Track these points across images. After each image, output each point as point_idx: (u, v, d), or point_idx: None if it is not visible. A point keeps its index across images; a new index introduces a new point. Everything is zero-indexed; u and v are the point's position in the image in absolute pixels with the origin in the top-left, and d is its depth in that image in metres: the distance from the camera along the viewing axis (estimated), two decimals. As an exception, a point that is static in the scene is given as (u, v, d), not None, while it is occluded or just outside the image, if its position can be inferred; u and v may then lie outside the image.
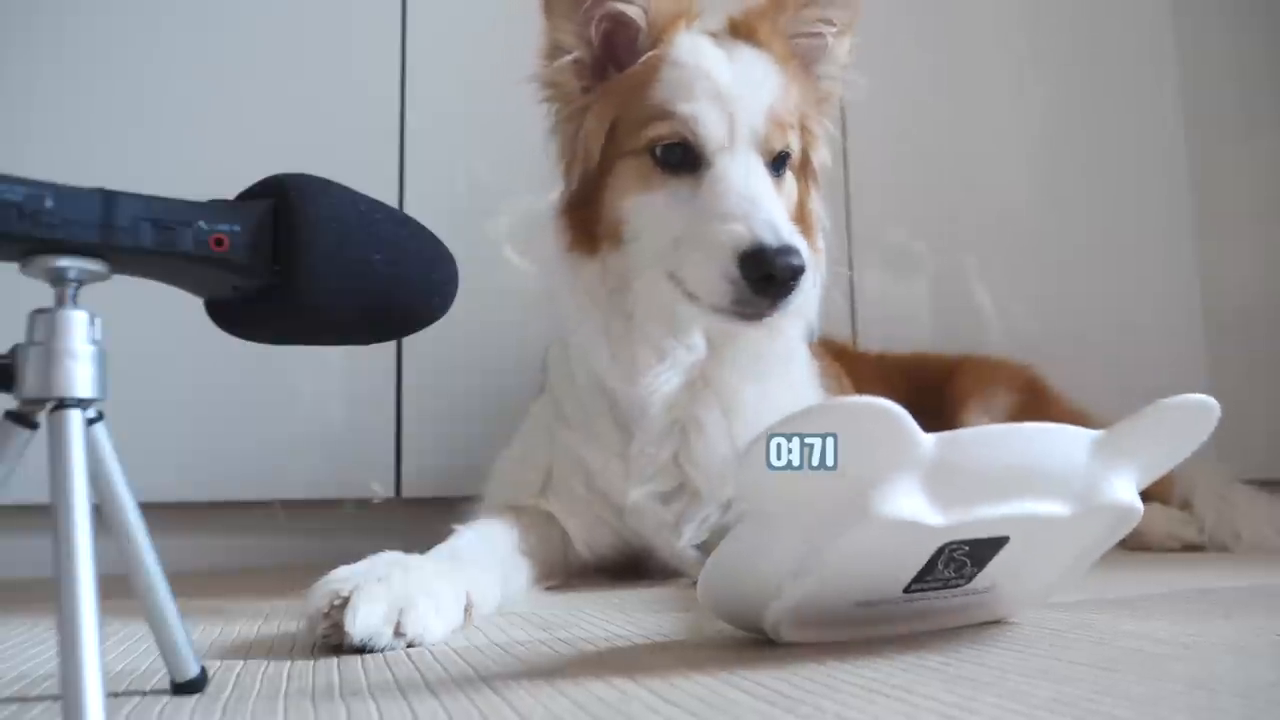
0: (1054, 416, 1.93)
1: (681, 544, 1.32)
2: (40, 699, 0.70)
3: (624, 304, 1.28)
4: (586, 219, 1.30)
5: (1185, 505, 1.84)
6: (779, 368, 1.34)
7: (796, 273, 1.11)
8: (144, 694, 0.70)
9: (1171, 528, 1.79)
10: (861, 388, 1.69)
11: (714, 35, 1.30)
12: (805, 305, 1.26)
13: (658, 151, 1.23)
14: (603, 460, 1.33)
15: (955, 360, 2.02)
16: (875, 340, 2.18)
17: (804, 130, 1.33)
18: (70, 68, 1.80)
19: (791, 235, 1.13)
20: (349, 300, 0.70)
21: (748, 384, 1.31)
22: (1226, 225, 2.64)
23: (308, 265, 0.67)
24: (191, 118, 1.85)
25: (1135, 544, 1.81)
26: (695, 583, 1.28)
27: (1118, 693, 0.61)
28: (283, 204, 0.67)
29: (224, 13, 1.91)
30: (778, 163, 1.27)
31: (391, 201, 0.96)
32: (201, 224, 0.64)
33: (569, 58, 1.29)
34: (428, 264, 0.75)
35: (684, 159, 1.22)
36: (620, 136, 1.27)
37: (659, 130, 1.22)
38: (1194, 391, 0.77)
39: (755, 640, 0.83)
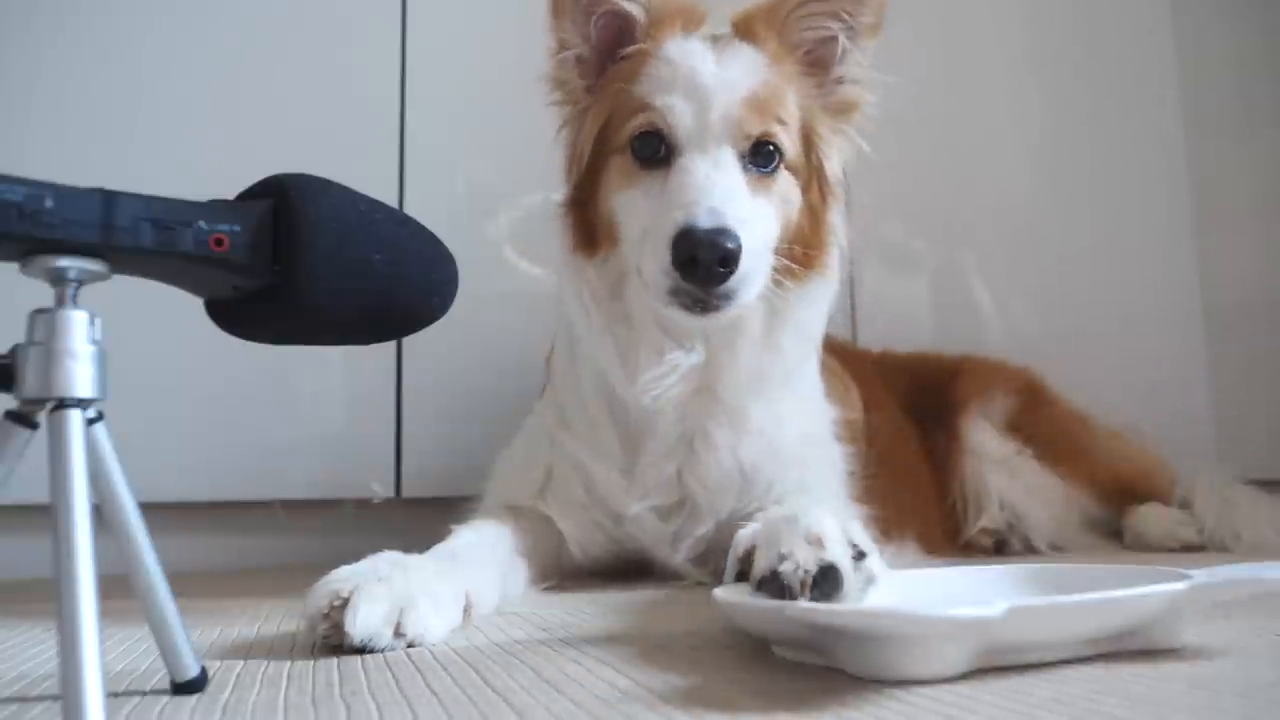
0: (1053, 419, 1.95)
1: (679, 559, 1.32)
2: (40, 699, 0.70)
3: (623, 306, 1.27)
4: (586, 219, 1.29)
5: (1185, 506, 1.85)
6: (785, 386, 1.32)
7: (723, 255, 1.08)
8: (144, 694, 0.70)
9: (1172, 528, 1.79)
10: (863, 387, 1.68)
11: (717, 38, 1.29)
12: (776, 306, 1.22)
13: (635, 145, 1.22)
14: (605, 471, 1.32)
15: (956, 361, 2.02)
16: (874, 337, 2.18)
17: (810, 134, 1.29)
18: (70, 68, 1.80)
19: (735, 221, 1.10)
20: (349, 300, 0.70)
21: (754, 401, 1.29)
22: (1226, 222, 2.63)
23: (308, 265, 0.67)
24: (191, 118, 1.85)
25: (1136, 544, 1.82)
26: (693, 583, 1.30)
27: (1118, 692, 0.61)
28: (283, 204, 0.67)
29: (224, 13, 1.91)
30: (762, 158, 1.22)
31: (391, 202, 0.96)
32: (201, 224, 0.64)
33: (570, 54, 1.29)
34: (428, 264, 0.75)
35: (658, 153, 1.21)
36: (611, 134, 1.26)
37: (636, 122, 1.22)
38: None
39: (757, 642, 0.83)
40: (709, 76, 1.21)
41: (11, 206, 0.57)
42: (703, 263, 1.08)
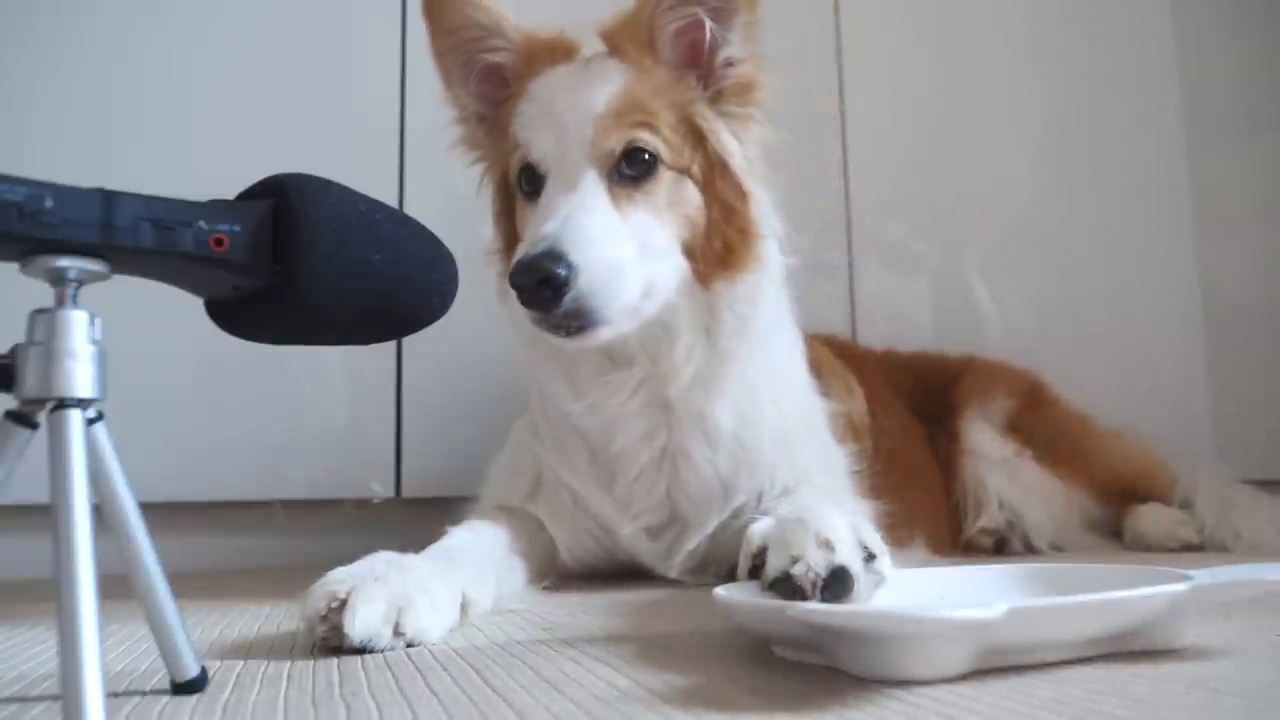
0: (1053, 419, 1.95)
1: (674, 574, 1.32)
2: (40, 699, 0.70)
3: None
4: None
5: (1185, 505, 1.85)
6: (749, 386, 1.30)
7: (541, 278, 1.07)
8: (144, 694, 0.70)
9: (1172, 528, 1.79)
10: (867, 386, 1.68)
11: (589, 60, 1.29)
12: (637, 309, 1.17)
13: (521, 183, 1.25)
14: (586, 488, 1.33)
15: (960, 362, 2.02)
16: (874, 337, 2.18)
17: (696, 130, 1.26)
18: (70, 68, 1.80)
19: (568, 243, 1.09)
20: (349, 300, 0.70)
21: (714, 404, 1.28)
22: (1227, 225, 2.63)
23: (308, 265, 0.67)
24: (191, 118, 1.85)
25: (1136, 544, 1.82)
26: (692, 584, 1.30)
27: (1118, 693, 0.61)
28: (283, 204, 0.67)
29: (224, 13, 1.91)
30: (637, 167, 1.20)
31: (391, 201, 0.95)
32: (201, 224, 0.64)
33: (471, 114, 1.35)
34: (428, 264, 0.75)
35: (537, 186, 1.22)
36: (509, 179, 1.29)
37: (513, 162, 1.25)
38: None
39: (756, 641, 0.83)
40: (563, 103, 1.22)
41: (11, 206, 0.57)
42: (525, 288, 1.09)
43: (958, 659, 0.66)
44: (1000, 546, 1.81)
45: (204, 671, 0.71)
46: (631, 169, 1.20)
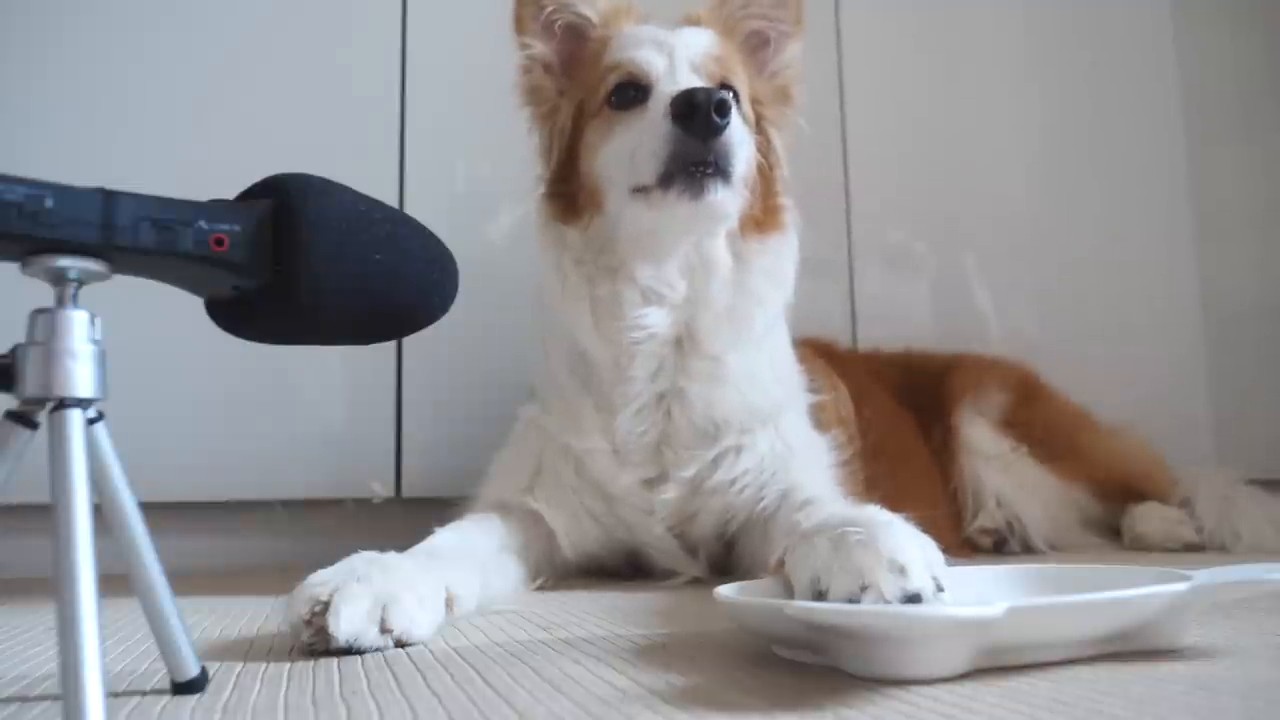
0: (1049, 415, 1.95)
1: (659, 530, 1.33)
2: (40, 699, 0.70)
3: (610, 261, 1.32)
4: (568, 192, 1.36)
5: (1185, 505, 1.85)
6: (761, 337, 1.36)
7: (717, 103, 1.16)
8: (144, 694, 0.70)
9: (1171, 528, 1.79)
10: (850, 383, 1.68)
11: (681, 22, 1.40)
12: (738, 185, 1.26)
13: (613, 99, 1.32)
14: (587, 443, 1.33)
15: (950, 358, 2.02)
16: (875, 340, 2.18)
17: (756, 106, 1.40)
18: (70, 68, 1.80)
19: (717, 91, 1.20)
20: (349, 300, 0.70)
21: (731, 350, 1.33)
22: (1226, 227, 2.64)
23: (308, 265, 0.67)
24: (191, 118, 1.85)
25: (1136, 544, 1.82)
26: (687, 579, 1.31)
27: (1118, 693, 0.61)
28: (283, 204, 0.67)
29: (224, 13, 1.91)
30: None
31: (391, 201, 0.95)
32: (201, 224, 0.64)
33: (538, 62, 1.41)
34: (428, 264, 0.75)
35: (635, 97, 1.30)
36: (586, 108, 1.35)
37: (612, 78, 1.32)
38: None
39: (756, 641, 0.83)
40: (669, 36, 1.34)
41: (11, 206, 0.57)
42: (701, 105, 1.16)
43: (958, 658, 0.66)
44: (999, 546, 1.80)
45: (204, 671, 0.71)
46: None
